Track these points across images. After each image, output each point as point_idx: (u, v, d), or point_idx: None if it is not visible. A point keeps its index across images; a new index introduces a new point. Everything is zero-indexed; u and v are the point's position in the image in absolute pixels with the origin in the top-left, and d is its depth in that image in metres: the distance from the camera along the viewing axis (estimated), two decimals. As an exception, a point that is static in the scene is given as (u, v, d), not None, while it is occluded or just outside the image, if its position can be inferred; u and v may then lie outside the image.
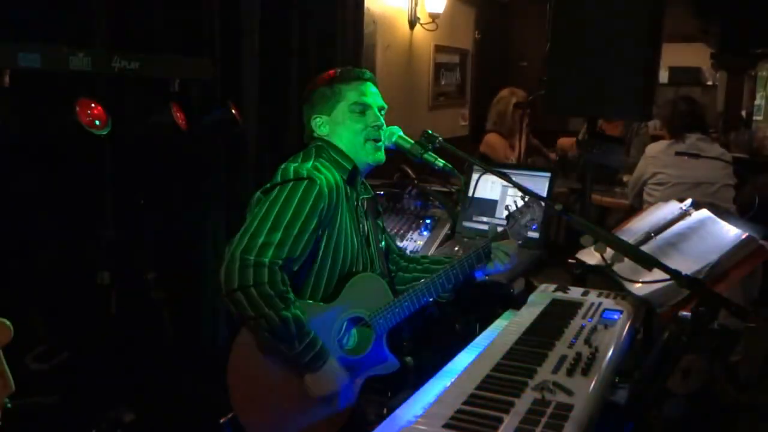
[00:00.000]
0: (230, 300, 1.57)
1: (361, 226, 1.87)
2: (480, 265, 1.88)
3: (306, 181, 1.67)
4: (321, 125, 1.84)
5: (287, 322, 1.57)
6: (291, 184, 1.67)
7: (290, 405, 1.66)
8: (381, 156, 1.85)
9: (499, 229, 1.90)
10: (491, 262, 1.87)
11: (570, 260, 2.35)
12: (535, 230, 1.98)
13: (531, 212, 1.86)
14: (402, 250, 2.22)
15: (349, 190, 1.82)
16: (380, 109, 1.86)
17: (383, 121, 1.85)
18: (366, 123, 1.81)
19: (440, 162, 1.83)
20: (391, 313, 1.78)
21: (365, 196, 1.92)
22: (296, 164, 1.72)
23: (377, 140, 1.83)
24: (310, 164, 1.73)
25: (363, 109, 1.82)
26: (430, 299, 1.84)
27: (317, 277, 1.76)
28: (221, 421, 1.70)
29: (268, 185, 1.72)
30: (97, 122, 1.87)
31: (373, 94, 1.85)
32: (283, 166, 1.74)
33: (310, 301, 1.73)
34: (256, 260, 1.56)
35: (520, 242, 1.88)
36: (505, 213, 1.88)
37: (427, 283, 1.82)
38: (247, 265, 1.56)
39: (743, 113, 7.01)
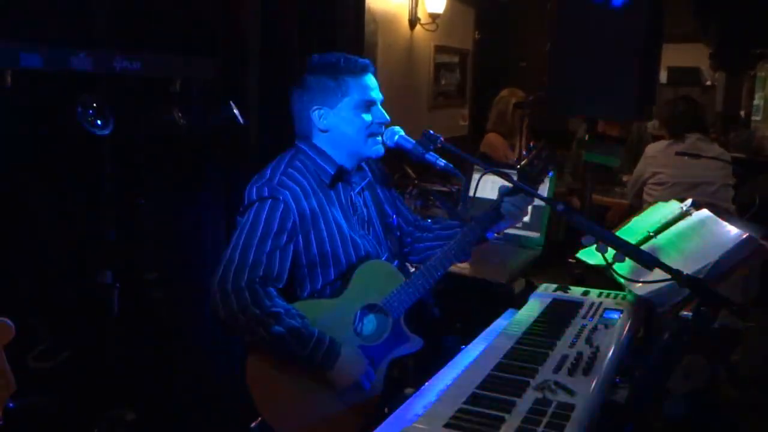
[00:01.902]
0: (227, 329, 1.61)
1: (360, 217, 1.86)
2: (492, 225, 1.87)
3: (269, 201, 1.67)
4: (322, 118, 1.79)
5: (281, 337, 1.58)
6: (255, 206, 1.69)
7: (316, 400, 1.67)
8: (381, 149, 1.84)
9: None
10: (503, 218, 1.86)
11: (570, 260, 2.35)
12: (551, 176, 1.90)
13: (542, 161, 1.83)
14: (417, 219, 2.18)
15: (334, 185, 1.81)
16: (381, 103, 1.85)
17: (389, 118, 1.84)
18: (372, 120, 1.80)
19: (441, 162, 1.83)
20: (405, 293, 1.78)
21: (361, 184, 1.90)
22: (259, 184, 1.71)
23: (378, 135, 1.82)
24: (276, 179, 1.71)
25: (370, 105, 1.80)
26: (444, 271, 1.82)
27: (324, 278, 1.77)
28: (252, 425, 1.71)
29: (241, 208, 1.74)
30: (99, 122, 1.87)
31: (376, 88, 1.83)
32: (248, 187, 1.74)
33: (320, 300, 1.74)
34: (234, 287, 1.58)
35: (535, 189, 1.81)
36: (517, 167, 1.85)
37: (440, 258, 1.80)
38: (227, 294, 1.58)
39: (742, 113, 7.01)
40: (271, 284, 1.65)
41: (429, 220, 2.17)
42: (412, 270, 1.95)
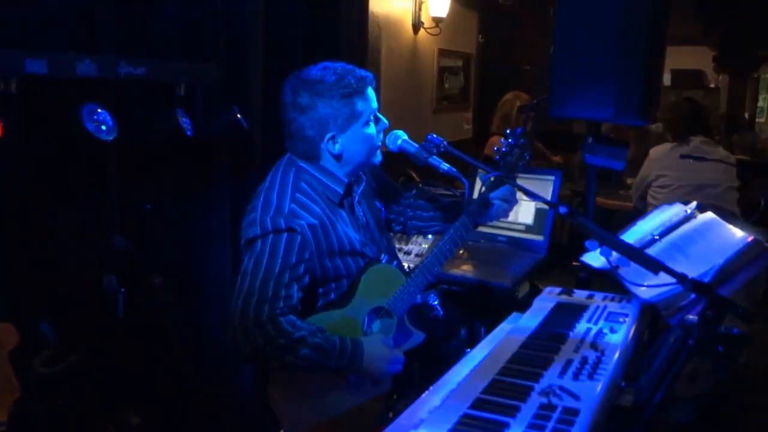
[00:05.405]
0: (253, 361, 1.68)
1: (364, 222, 1.88)
2: (482, 215, 1.88)
3: (286, 234, 1.65)
4: (336, 144, 1.75)
5: (308, 358, 1.62)
6: (272, 237, 1.65)
7: (332, 397, 1.72)
8: (380, 156, 1.86)
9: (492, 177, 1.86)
10: (494, 210, 1.88)
11: (574, 263, 2.35)
12: (528, 159, 1.87)
13: (519, 148, 1.81)
14: (409, 197, 2.18)
15: (342, 202, 1.82)
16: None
17: (387, 123, 1.84)
18: (377, 130, 1.80)
19: (445, 165, 1.83)
20: (407, 293, 1.82)
21: (359, 191, 1.91)
22: (271, 214, 1.67)
23: (380, 143, 1.83)
24: (286, 209, 1.68)
25: (375, 118, 1.80)
26: (440, 267, 1.85)
27: (337, 292, 1.80)
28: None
29: (251, 236, 1.69)
30: (104, 128, 1.88)
31: (375, 98, 1.81)
32: (259, 216, 1.67)
33: (328, 312, 1.76)
34: (255, 320, 1.59)
35: (514, 179, 1.83)
36: (495, 158, 1.84)
37: (436, 253, 1.83)
38: (250, 329, 1.59)
39: (746, 115, 7.00)
40: (290, 313, 1.66)
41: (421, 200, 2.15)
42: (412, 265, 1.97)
